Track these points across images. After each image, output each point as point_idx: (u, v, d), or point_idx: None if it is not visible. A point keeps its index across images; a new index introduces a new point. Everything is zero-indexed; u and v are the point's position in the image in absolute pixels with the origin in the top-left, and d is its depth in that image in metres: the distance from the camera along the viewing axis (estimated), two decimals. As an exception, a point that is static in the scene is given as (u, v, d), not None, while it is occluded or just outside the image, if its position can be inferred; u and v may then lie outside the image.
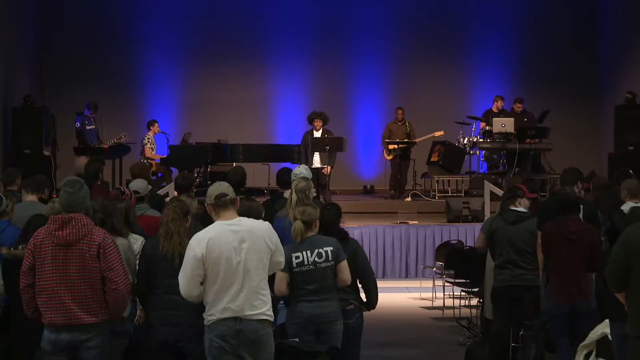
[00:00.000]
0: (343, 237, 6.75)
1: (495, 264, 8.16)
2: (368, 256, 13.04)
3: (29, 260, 5.61)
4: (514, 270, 8.02)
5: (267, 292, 5.55)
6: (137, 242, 6.47)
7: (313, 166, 13.99)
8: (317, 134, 14.29)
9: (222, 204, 5.55)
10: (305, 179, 7.60)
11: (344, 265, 6.49)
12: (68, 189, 5.65)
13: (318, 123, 14.27)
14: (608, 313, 6.45)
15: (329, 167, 14.31)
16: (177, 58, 18.53)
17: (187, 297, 5.51)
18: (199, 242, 5.48)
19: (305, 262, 6.35)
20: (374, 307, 6.99)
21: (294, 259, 6.32)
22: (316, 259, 6.37)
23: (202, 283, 5.48)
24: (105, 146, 15.33)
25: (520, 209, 8.10)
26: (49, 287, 5.54)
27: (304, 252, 6.36)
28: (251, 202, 7.00)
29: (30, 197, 8.15)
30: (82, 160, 10.19)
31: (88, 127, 15.45)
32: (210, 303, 5.47)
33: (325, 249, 6.41)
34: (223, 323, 5.44)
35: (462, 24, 18.69)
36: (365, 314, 7.00)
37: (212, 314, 5.47)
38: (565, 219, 7.37)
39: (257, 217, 6.78)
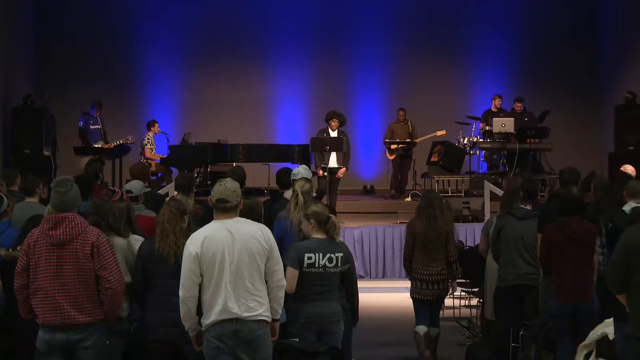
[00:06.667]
0: None
1: (500, 262, 8.14)
2: (368, 256, 13.34)
3: (23, 261, 5.58)
4: (519, 269, 8.01)
5: (264, 292, 5.49)
6: (137, 242, 6.46)
7: (329, 166, 13.96)
8: (333, 134, 14.24)
9: (221, 208, 5.53)
10: (307, 180, 7.59)
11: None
12: (59, 188, 5.61)
13: (334, 123, 14.14)
14: (614, 314, 6.40)
15: (344, 169, 14.24)
16: (177, 58, 18.51)
17: (184, 299, 5.43)
18: (194, 242, 5.46)
19: (316, 265, 6.35)
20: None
21: (306, 258, 6.33)
22: (327, 263, 6.38)
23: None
24: (110, 146, 15.31)
25: (528, 208, 8.18)
26: (43, 287, 5.52)
27: (317, 254, 6.35)
28: (251, 201, 6.98)
29: (30, 198, 8.15)
30: (85, 161, 10.15)
31: (92, 127, 15.43)
32: (206, 304, 5.44)
33: (336, 254, 6.42)
34: (220, 324, 5.42)
35: (462, 24, 18.66)
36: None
37: (209, 316, 5.44)
38: (567, 219, 7.35)
39: (258, 215, 6.78)
